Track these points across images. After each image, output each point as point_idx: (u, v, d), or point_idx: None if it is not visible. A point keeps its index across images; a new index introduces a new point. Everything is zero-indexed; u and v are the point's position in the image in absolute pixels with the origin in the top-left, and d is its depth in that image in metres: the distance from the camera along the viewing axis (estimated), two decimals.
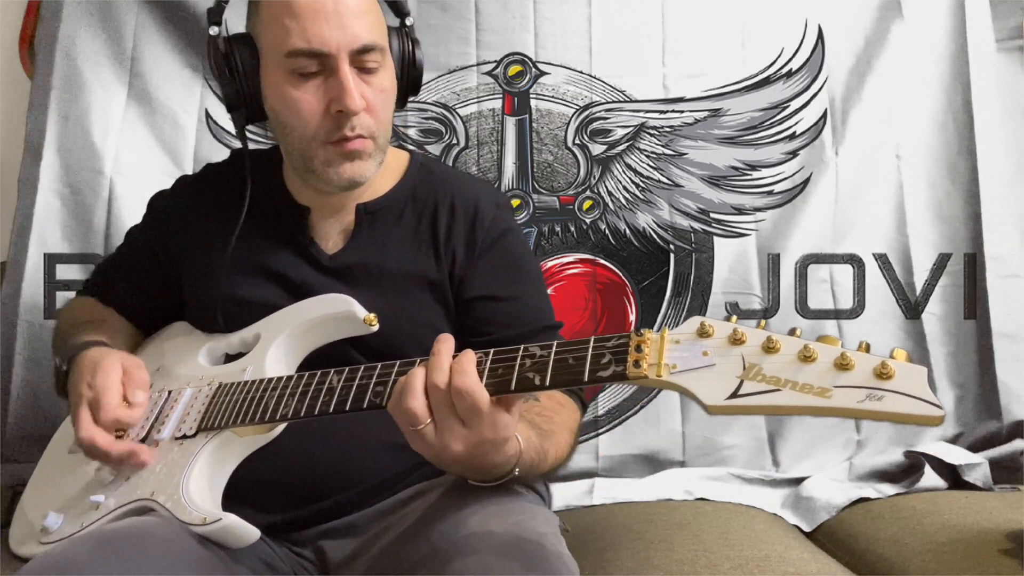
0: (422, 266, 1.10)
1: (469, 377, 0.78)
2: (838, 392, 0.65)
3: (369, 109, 1.02)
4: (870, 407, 0.64)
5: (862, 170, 1.73)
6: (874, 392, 0.64)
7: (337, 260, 1.10)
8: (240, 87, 1.05)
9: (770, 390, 0.67)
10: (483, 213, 1.13)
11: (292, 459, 1.00)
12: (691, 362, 0.71)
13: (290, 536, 1.04)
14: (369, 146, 1.04)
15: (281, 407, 0.92)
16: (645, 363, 0.73)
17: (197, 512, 0.88)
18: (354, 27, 1.00)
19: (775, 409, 0.67)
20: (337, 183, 1.05)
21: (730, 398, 0.68)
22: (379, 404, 0.86)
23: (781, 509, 1.54)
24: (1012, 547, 1.19)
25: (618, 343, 0.76)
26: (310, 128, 1.02)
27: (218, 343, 1.10)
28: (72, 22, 1.66)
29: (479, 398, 0.78)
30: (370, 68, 1.03)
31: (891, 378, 0.64)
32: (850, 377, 0.65)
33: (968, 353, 1.72)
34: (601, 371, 0.75)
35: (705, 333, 0.71)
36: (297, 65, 1.00)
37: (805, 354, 0.67)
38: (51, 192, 1.65)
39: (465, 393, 0.78)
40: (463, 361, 0.80)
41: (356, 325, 1.01)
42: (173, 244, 1.19)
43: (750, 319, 1.72)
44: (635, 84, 1.73)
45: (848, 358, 0.66)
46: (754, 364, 0.68)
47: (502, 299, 1.10)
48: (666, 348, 0.72)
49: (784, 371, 0.67)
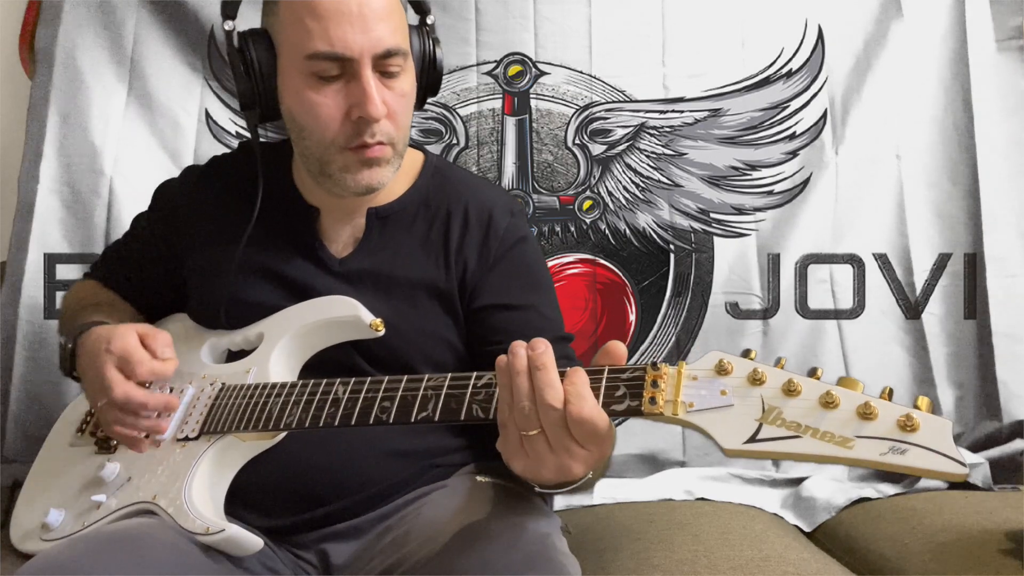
0: (431, 275, 1.08)
1: (587, 403, 0.72)
2: (860, 443, 0.64)
3: (390, 115, 1.00)
4: (893, 460, 0.62)
5: (862, 170, 1.73)
6: (897, 445, 0.63)
7: (346, 265, 1.09)
8: (255, 85, 1.02)
9: (790, 436, 0.66)
10: (497, 222, 1.11)
11: (295, 464, 1.00)
12: (709, 401, 0.69)
13: (292, 539, 1.03)
14: (388, 153, 1.02)
15: (285, 416, 0.91)
16: (661, 399, 0.71)
17: (200, 521, 0.87)
18: (378, 31, 0.97)
19: (794, 456, 0.66)
20: (354, 189, 1.03)
21: (748, 442, 0.67)
22: (385, 420, 0.84)
23: (781, 509, 1.54)
24: (1012, 547, 1.19)
25: (633, 376, 0.74)
26: (329, 133, 1.00)
27: (220, 339, 1.09)
28: (72, 22, 1.66)
29: (601, 423, 0.73)
30: (392, 72, 1.00)
31: (915, 431, 0.63)
32: (873, 427, 0.64)
33: (968, 353, 1.72)
34: (615, 404, 0.74)
35: (724, 370, 0.70)
36: (318, 68, 0.97)
37: (827, 400, 0.65)
38: (51, 192, 1.65)
39: (587, 422, 0.72)
40: (577, 383, 0.73)
41: (361, 329, 1.00)
42: (178, 236, 1.17)
43: (750, 319, 1.73)
44: (635, 84, 1.73)
45: (872, 408, 0.64)
46: (774, 407, 0.67)
47: (516, 308, 1.08)
48: (683, 384, 0.71)
49: (805, 417, 0.66)
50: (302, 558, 1.03)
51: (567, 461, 0.74)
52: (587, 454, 0.74)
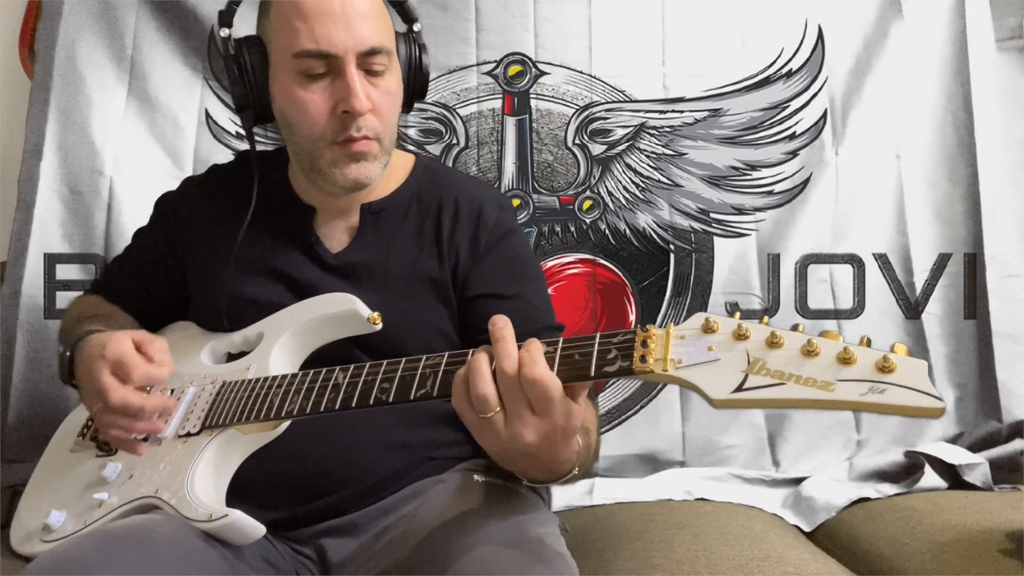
0: (425, 266, 1.11)
1: (539, 366, 0.76)
2: (841, 386, 0.66)
3: (375, 111, 1.03)
4: (873, 400, 0.65)
5: (862, 170, 1.73)
6: (876, 385, 0.65)
7: (341, 259, 1.11)
8: (249, 89, 1.06)
9: (774, 384, 0.68)
10: (487, 215, 1.14)
11: (294, 457, 1.01)
12: (696, 357, 0.72)
13: (291, 534, 1.04)
14: (374, 148, 1.05)
15: (286, 404, 0.92)
16: (651, 358, 0.73)
17: (203, 509, 0.88)
18: (361, 29, 1.01)
19: (779, 402, 0.68)
20: (343, 184, 1.06)
21: (735, 392, 0.69)
22: (385, 401, 0.86)
23: (781, 509, 1.53)
24: (1012, 547, 1.19)
25: (624, 339, 0.76)
26: (316, 128, 1.03)
27: (221, 342, 1.10)
28: (72, 22, 1.66)
29: (552, 387, 0.76)
30: (376, 71, 1.04)
31: (893, 372, 0.65)
32: (852, 371, 0.66)
33: (968, 353, 1.73)
34: (607, 366, 0.76)
35: (710, 329, 0.72)
36: (305, 66, 1.02)
37: (808, 349, 0.68)
38: (51, 192, 1.65)
39: (538, 383, 0.75)
40: (532, 350, 0.77)
41: (360, 324, 1.01)
42: (179, 245, 1.19)
43: (751, 319, 1.72)
44: (635, 84, 1.73)
45: (850, 352, 0.67)
46: (758, 359, 0.69)
47: (506, 297, 1.11)
48: (671, 343, 0.73)
49: (788, 365, 0.68)
50: (301, 553, 1.04)
51: (519, 429, 0.76)
52: (539, 422, 0.76)
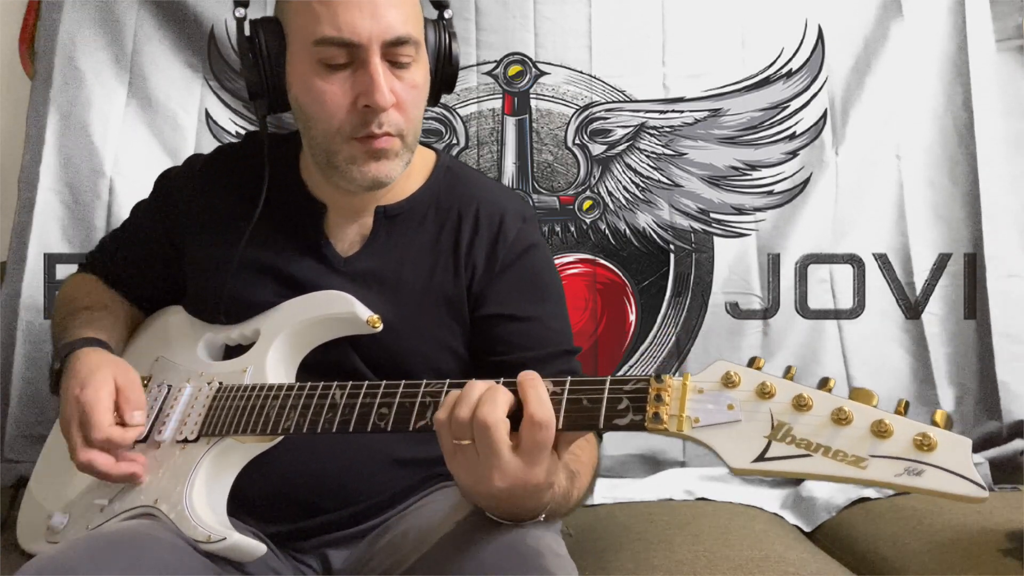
0: (440, 280, 1.05)
1: (546, 430, 0.72)
2: (874, 463, 0.61)
3: (399, 106, 0.97)
4: (908, 482, 0.60)
5: (862, 170, 1.73)
6: (913, 466, 0.60)
7: (351, 264, 1.05)
8: (263, 74, 0.99)
9: (800, 455, 0.63)
10: (507, 227, 1.07)
11: (296, 472, 0.99)
12: (715, 416, 0.66)
13: (293, 544, 1.02)
14: (396, 145, 0.98)
15: (283, 420, 0.89)
16: (665, 414, 0.68)
17: (202, 529, 0.86)
18: (388, 17, 0.94)
19: (805, 475, 0.63)
20: (360, 182, 0.99)
21: (756, 461, 0.64)
22: (383, 428, 0.83)
23: (781, 509, 1.54)
24: (1012, 547, 1.19)
25: (636, 387, 0.71)
26: (335, 122, 0.96)
27: (217, 335, 1.07)
28: (72, 22, 1.66)
29: (549, 437, 0.72)
30: (402, 62, 0.97)
31: (932, 450, 0.60)
32: (888, 446, 0.61)
33: (968, 353, 1.72)
34: (617, 418, 0.71)
35: (731, 382, 0.67)
36: (325, 54, 0.95)
37: (839, 416, 0.62)
38: (51, 192, 1.65)
39: (545, 426, 0.72)
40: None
41: (358, 325, 0.99)
42: (179, 227, 1.13)
43: (750, 319, 1.73)
44: (635, 84, 1.73)
45: (886, 425, 0.61)
46: (783, 423, 0.64)
47: (520, 319, 1.04)
48: (688, 397, 0.68)
49: (816, 434, 0.63)
50: (303, 562, 1.03)
51: (490, 471, 0.73)
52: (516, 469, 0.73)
